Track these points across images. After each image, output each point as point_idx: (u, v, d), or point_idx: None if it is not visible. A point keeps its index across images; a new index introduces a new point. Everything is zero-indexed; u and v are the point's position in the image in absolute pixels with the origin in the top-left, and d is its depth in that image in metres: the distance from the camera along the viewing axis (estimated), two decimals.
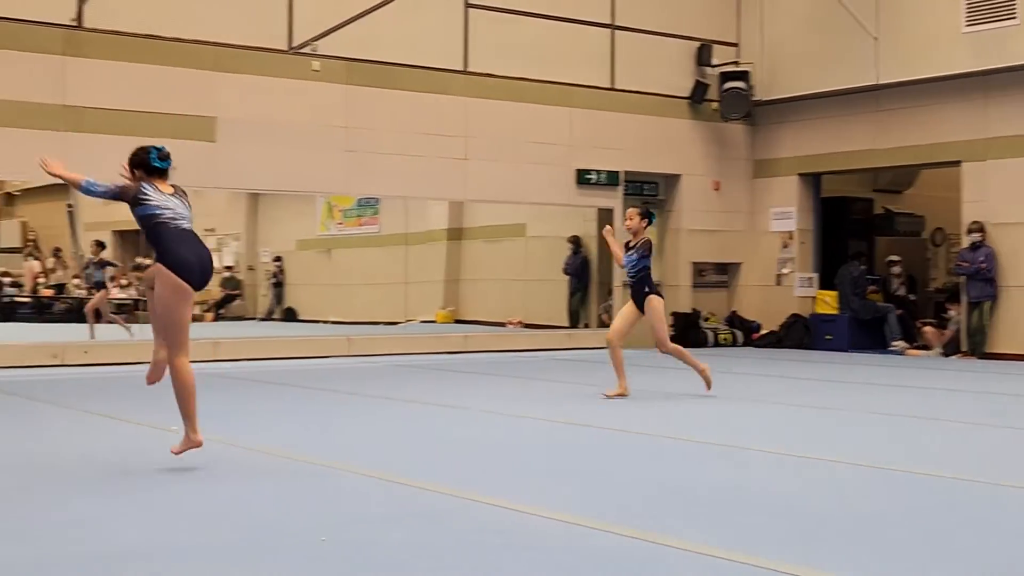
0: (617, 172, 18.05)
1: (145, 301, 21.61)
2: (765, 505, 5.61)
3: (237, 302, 26.35)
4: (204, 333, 15.86)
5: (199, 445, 6.72)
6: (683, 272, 18.93)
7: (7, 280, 24.49)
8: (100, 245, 19.22)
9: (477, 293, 22.57)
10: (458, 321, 22.14)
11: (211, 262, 6.83)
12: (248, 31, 14.87)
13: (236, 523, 5.13)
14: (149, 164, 6.76)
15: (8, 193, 30.12)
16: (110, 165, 13.99)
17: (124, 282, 25.20)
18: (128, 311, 23.89)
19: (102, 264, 18.32)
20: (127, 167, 6.82)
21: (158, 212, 6.62)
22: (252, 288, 26.88)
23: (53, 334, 17.02)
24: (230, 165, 14.74)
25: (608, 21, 17.92)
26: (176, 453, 6.71)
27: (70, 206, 25.24)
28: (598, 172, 17.81)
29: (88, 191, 6.71)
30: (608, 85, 17.92)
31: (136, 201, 6.65)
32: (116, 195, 6.75)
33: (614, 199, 18.11)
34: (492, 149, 16.76)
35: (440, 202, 21.66)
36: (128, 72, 14.05)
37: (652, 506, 5.61)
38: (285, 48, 15.16)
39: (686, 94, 18.67)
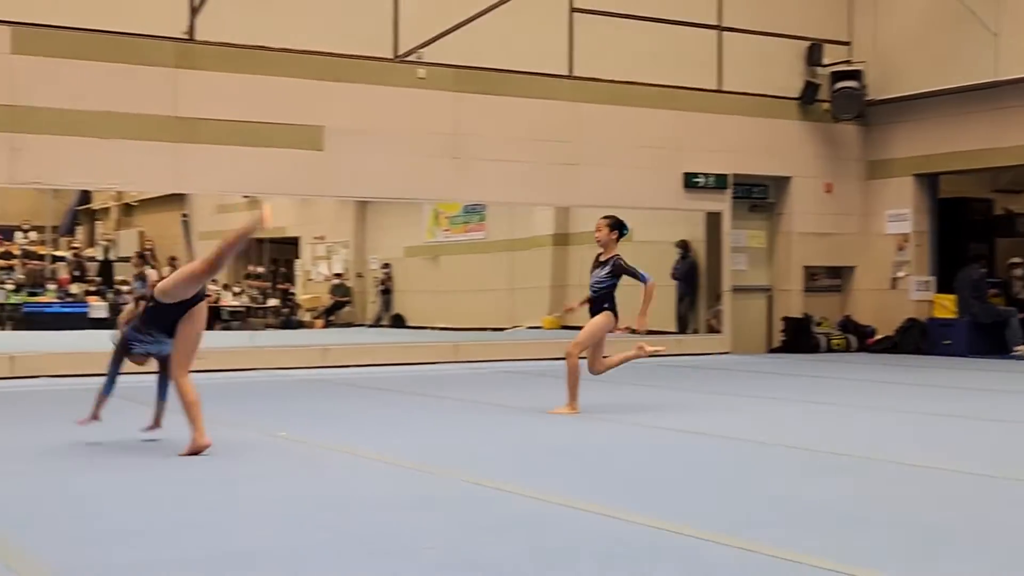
0: (725, 175, 17.82)
1: (258, 309, 21.42)
2: (886, 518, 5.41)
3: (346, 309, 26.63)
4: (313, 340, 16.01)
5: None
6: (794, 276, 18.61)
7: (126, 288, 25.03)
8: (141, 257, 19.18)
9: (584, 298, 22.42)
10: (565, 327, 22.01)
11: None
12: (355, 40, 14.99)
13: (342, 527, 5.11)
14: None
15: (127, 204, 30.88)
16: (222, 175, 14.33)
17: (237, 289, 25.63)
18: (241, 318, 24.30)
19: (143, 277, 18.16)
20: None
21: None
22: (361, 295, 27.13)
23: None
24: (337, 174, 14.88)
25: (715, 22, 17.70)
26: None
27: (185, 216, 25.78)
28: (706, 175, 17.59)
29: None
30: (715, 87, 17.69)
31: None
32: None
33: (722, 203, 17.90)
34: (598, 154, 16.66)
35: (546, 208, 21.60)
36: (238, 83, 14.27)
37: (768, 517, 5.45)
38: (391, 56, 15.25)
39: (796, 95, 18.36)
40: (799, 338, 18.23)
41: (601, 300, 9.84)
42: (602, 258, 9.91)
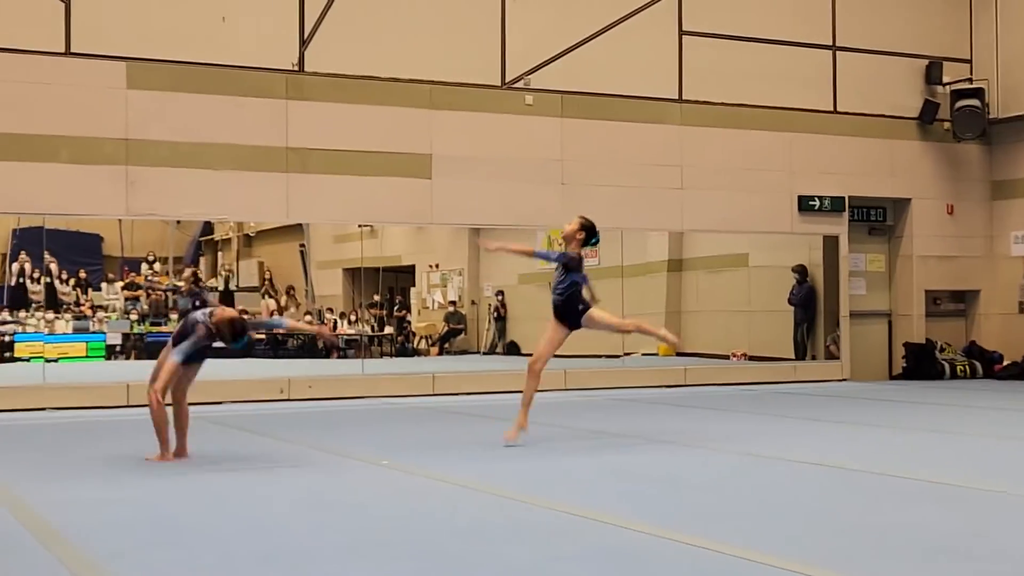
0: (842, 198, 17.43)
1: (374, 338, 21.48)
2: (1006, 555, 5.13)
3: (461, 336, 26.67)
4: (423, 368, 16.04)
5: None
6: (916, 301, 18.10)
7: (246, 318, 25.46)
8: (196, 277, 19.20)
9: (699, 325, 22.14)
10: (680, 354, 21.75)
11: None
12: (462, 68, 15.04)
13: (425, 558, 5.03)
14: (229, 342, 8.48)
15: (246, 235, 31.44)
16: (332, 204, 14.48)
17: (353, 318, 25.88)
18: (355, 347, 24.50)
19: (192, 295, 18.17)
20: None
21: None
22: (475, 322, 27.16)
23: (284, 369, 17.53)
24: (446, 201, 14.92)
25: (829, 42, 17.36)
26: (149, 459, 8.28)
27: (302, 246, 26.15)
28: (821, 198, 17.23)
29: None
30: (830, 108, 17.34)
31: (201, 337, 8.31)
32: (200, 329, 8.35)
33: (839, 226, 17.51)
34: (709, 178, 16.44)
35: (659, 233, 21.38)
36: (347, 113, 14.41)
37: (880, 552, 5.21)
38: (498, 84, 15.26)
39: (914, 114, 17.90)
40: (922, 364, 17.69)
41: (571, 302, 9.35)
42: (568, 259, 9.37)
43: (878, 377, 17.91)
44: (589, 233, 9.47)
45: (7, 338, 19.98)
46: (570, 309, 9.36)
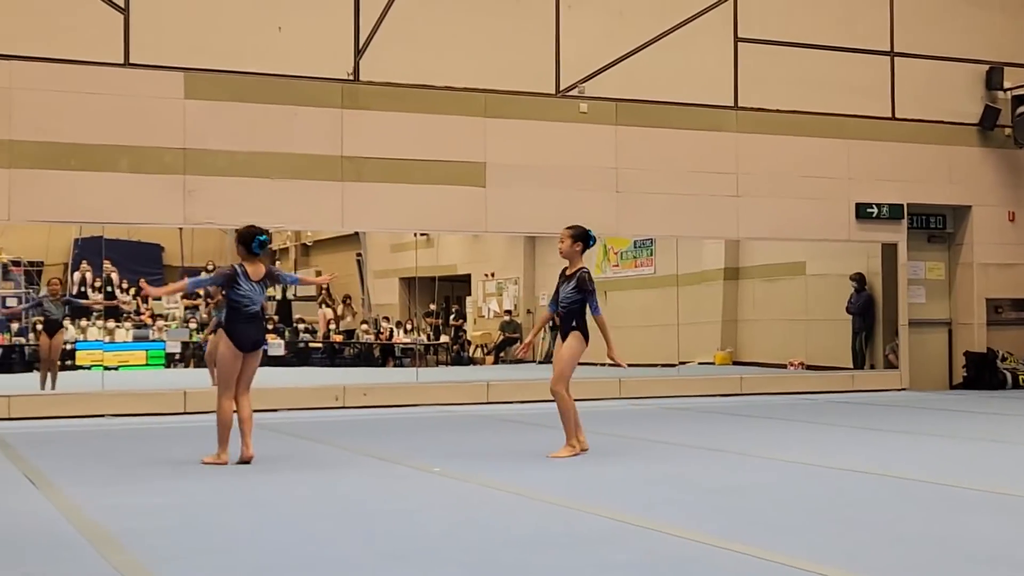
0: (900, 205, 17.23)
1: (430, 346, 21.55)
2: None
3: (516, 345, 26.63)
4: (477, 376, 16.06)
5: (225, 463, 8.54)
6: (977, 309, 17.84)
7: (302, 327, 25.65)
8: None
9: (756, 334, 21.97)
10: (737, 363, 21.60)
11: (262, 337, 8.87)
12: (516, 77, 15.06)
13: (478, 566, 5.01)
14: (249, 247, 8.63)
15: (304, 244, 31.67)
16: (386, 212, 14.53)
17: (409, 327, 25.97)
18: (412, 356, 24.59)
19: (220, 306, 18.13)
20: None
21: (240, 299, 8.61)
22: (531, 331, 27.10)
23: (339, 378, 17.64)
24: (500, 209, 14.93)
25: (887, 48, 17.18)
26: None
27: (359, 255, 26.29)
28: (879, 206, 17.04)
29: (194, 287, 8.73)
30: (888, 115, 17.15)
31: (230, 285, 8.62)
32: (219, 283, 8.83)
33: (898, 233, 17.31)
34: (765, 185, 16.33)
35: (716, 241, 21.26)
36: (402, 122, 14.48)
37: (938, 563, 5.13)
38: (553, 92, 15.25)
39: (975, 120, 17.66)
40: (982, 374, 17.44)
41: (570, 317, 9.11)
42: (568, 271, 9.19)
43: (938, 387, 17.68)
44: (583, 239, 9.22)
45: (68, 346, 20.26)
46: (565, 325, 9.17)
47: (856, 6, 17.12)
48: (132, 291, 24.08)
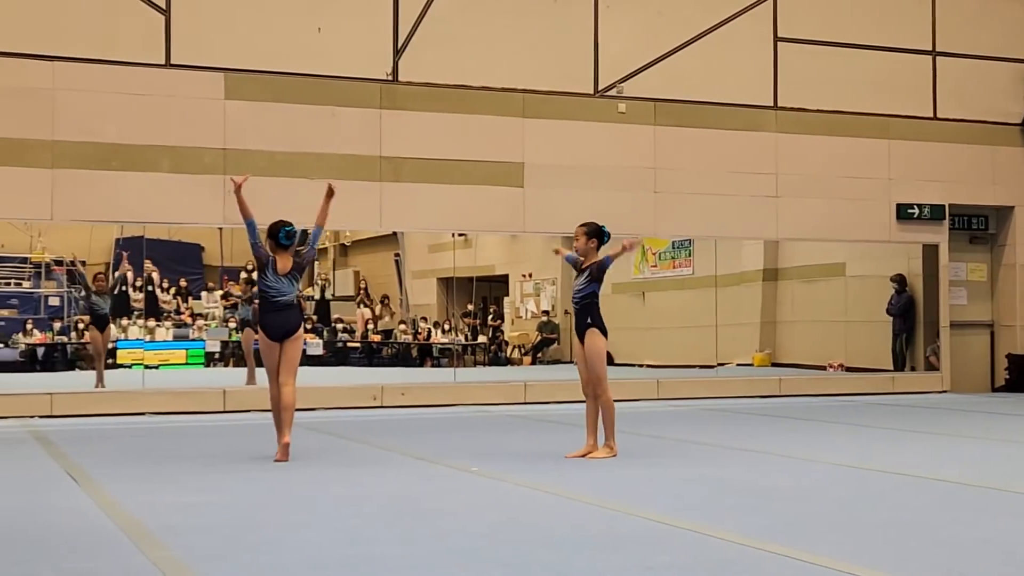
0: (942, 206, 17.08)
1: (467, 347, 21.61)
2: None
3: (554, 346, 26.64)
4: (515, 376, 16.06)
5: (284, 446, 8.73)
6: (1020, 311, 17.67)
7: (340, 326, 25.75)
8: (251, 284, 19.06)
9: (795, 335, 21.85)
10: (775, 364, 21.49)
11: (292, 326, 8.98)
12: (554, 77, 15.05)
13: (517, 566, 5.00)
14: (277, 239, 9.01)
15: (342, 244, 31.81)
16: (424, 213, 14.56)
17: (447, 327, 26.01)
18: (449, 356, 24.63)
19: (251, 302, 17.97)
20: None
21: (268, 290, 8.93)
22: (568, 332, 27.10)
23: (377, 377, 17.69)
24: (538, 210, 14.92)
25: (928, 48, 17.04)
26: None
27: (397, 255, 26.36)
28: (920, 206, 16.90)
29: (250, 228, 9.01)
30: (929, 115, 17.01)
31: (260, 269, 8.99)
32: (255, 252, 9.06)
33: (939, 234, 17.16)
34: (805, 186, 16.23)
35: (755, 242, 21.16)
36: (440, 122, 14.50)
37: (981, 566, 5.07)
38: (591, 92, 15.23)
39: (1017, 120, 17.48)
40: None
41: (584, 312, 9.12)
42: (584, 265, 9.23)
43: (979, 389, 17.51)
44: (598, 235, 9.24)
45: (110, 344, 20.42)
46: (581, 322, 9.19)
47: (897, 5, 16.99)
48: (172, 291, 24.26)
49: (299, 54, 13.99)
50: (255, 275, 22.93)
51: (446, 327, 26.10)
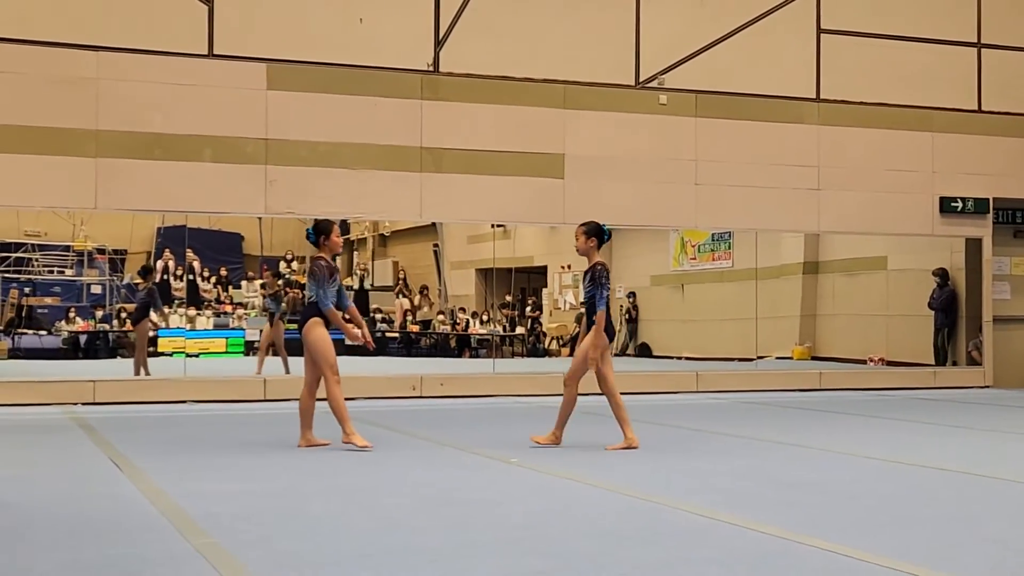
0: (986, 199, 16.92)
1: (506, 338, 21.47)
2: None
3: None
4: (553, 368, 16.05)
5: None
6: None
7: (379, 316, 25.84)
8: (277, 276, 19.07)
9: (836, 329, 21.73)
10: (815, 357, 21.38)
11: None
12: (596, 68, 15.02)
13: (559, 557, 5.01)
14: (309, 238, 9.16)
15: (381, 234, 31.90)
16: (465, 203, 14.57)
17: (485, 318, 26.03)
18: (488, 347, 24.66)
19: (278, 297, 18.02)
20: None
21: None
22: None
23: (416, 367, 17.72)
24: (578, 201, 14.90)
25: (973, 40, 16.86)
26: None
27: (436, 246, 26.39)
28: (964, 200, 16.75)
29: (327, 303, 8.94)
30: (974, 107, 16.85)
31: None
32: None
33: (983, 228, 17.01)
34: (847, 178, 16.13)
35: (795, 235, 21.05)
36: (481, 113, 14.51)
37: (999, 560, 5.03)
38: (633, 83, 15.18)
39: None
40: None
41: (591, 312, 9.09)
42: (586, 269, 9.22)
43: (1022, 385, 17.34)
44: (597, 234, 9.25)
45: (151, 333, 20.57)
46: (588, 320, 9.19)
47: None
48: (212, 280, 24.42)
49: (341, 45, 14.04)
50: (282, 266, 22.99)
51: (484, 318, 26.13)
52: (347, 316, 9.27)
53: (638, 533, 5.62)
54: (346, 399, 9.07)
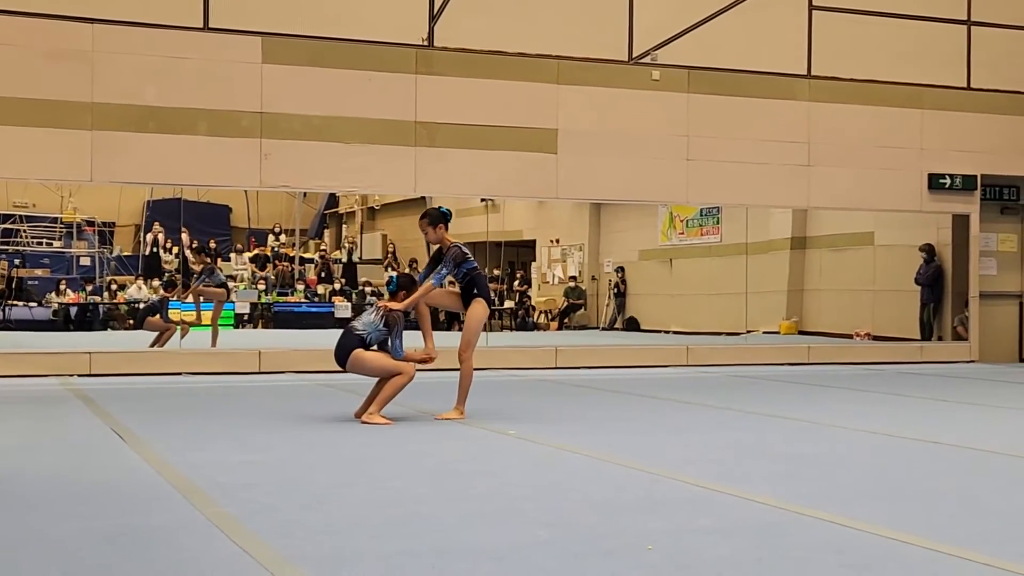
0: (974, 176, 17.07)
1: (494, 311, 21.96)
2: None
3: (580, 312, 26.75)
4: (545, 341, 16.16)
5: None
6: None
7: (369, 289, 25.91)
8: (202, 251, 18.60)
9: (822, 304, 21.90)
10: (802, 332, 21.56)
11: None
12: (589, 43, 15.09)
13: (563, 526, 5.12)
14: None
15: (371, 207, 31.92)
16: (458, 178, 14.63)
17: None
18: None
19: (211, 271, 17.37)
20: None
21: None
22: (595, 298, 27.22)
23: (408, 340, 17.73)
24: (571, 176, 15.00)
25: (963, 17, 16.97)
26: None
27: None
28: (952, 176, 16.90)
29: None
30: (963, 84, 16.97)
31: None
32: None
33: (971, 205, 17.16)
34: (837, 155, 16.25)
35: (783, 210, 21.19)
36: (475, 88, 14.57)
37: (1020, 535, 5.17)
38: (626, 59, 15.26)
39: None
40: None
41: (469, 287, 9.19)
42: (443, 255, 9.16)
43: (1007, 360, 17.55)
44: (442, 219, 9.19)
45: (141, 305, 20.61)
46: (467, 295, 9.29)
47: None
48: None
49: (336, 19, 14.07)
50: (270, 239, 22.94)
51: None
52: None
53: (638, 503, 5.74)
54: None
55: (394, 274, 9.32)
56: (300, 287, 24.88)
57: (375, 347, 9.06)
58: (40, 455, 7.25)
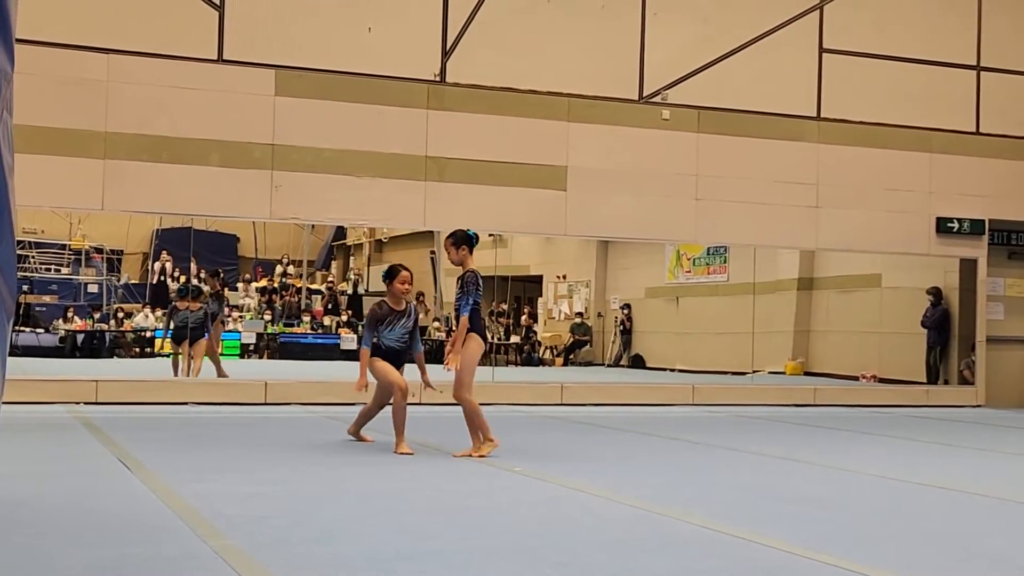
0: (982, 220, 17.09)
1: (500, 346, 21.63)
2: None
3: (586, 348, 26.75)
4: (550, 377, 16.16)
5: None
6: None
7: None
8: (215, 276, 18.61)
9: (829, 345, 21.88)
10: (808, 373, 21.53)
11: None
12: (600, 82, 15.17)
13: (570, 566, 5.11)
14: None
15: (379, 240, 31.98)
16: (468, 213, 14.69)
17: None
18: (483, 355, 24.65)
19: (219, 297, 17.39)
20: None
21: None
22: (601, 335, 27.21)
23: (413, 374, 17.74)
24: (580, 213, 15.04)
25: (973, 62, 17.04)
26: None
27: (432, 252, 26.49)
28: (960, 220, 16.92)
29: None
30: (972, 129, 17.02)
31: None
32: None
33: (978, 249, 17.17)
34: (845, 196, 16.29)
35: (790, 251, 21.21)
36: (485, 124, 14.64)
37: None
38: (636, 98, 15.33)
39: None
40: None
41: (467, 321, 9.15)
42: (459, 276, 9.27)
43: (1014, 405, 17.50)
44: (466, 242, 9.26)
45: (148, 334, 20.65)
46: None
47: (943, 19, 17.01)
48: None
49: (349, 53, 14.16)
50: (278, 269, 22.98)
51: None
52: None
53: (646, 543, 5.73)
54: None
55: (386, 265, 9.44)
56: (306, 318, 24.89)
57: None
58: (47, 483, 7.25)
